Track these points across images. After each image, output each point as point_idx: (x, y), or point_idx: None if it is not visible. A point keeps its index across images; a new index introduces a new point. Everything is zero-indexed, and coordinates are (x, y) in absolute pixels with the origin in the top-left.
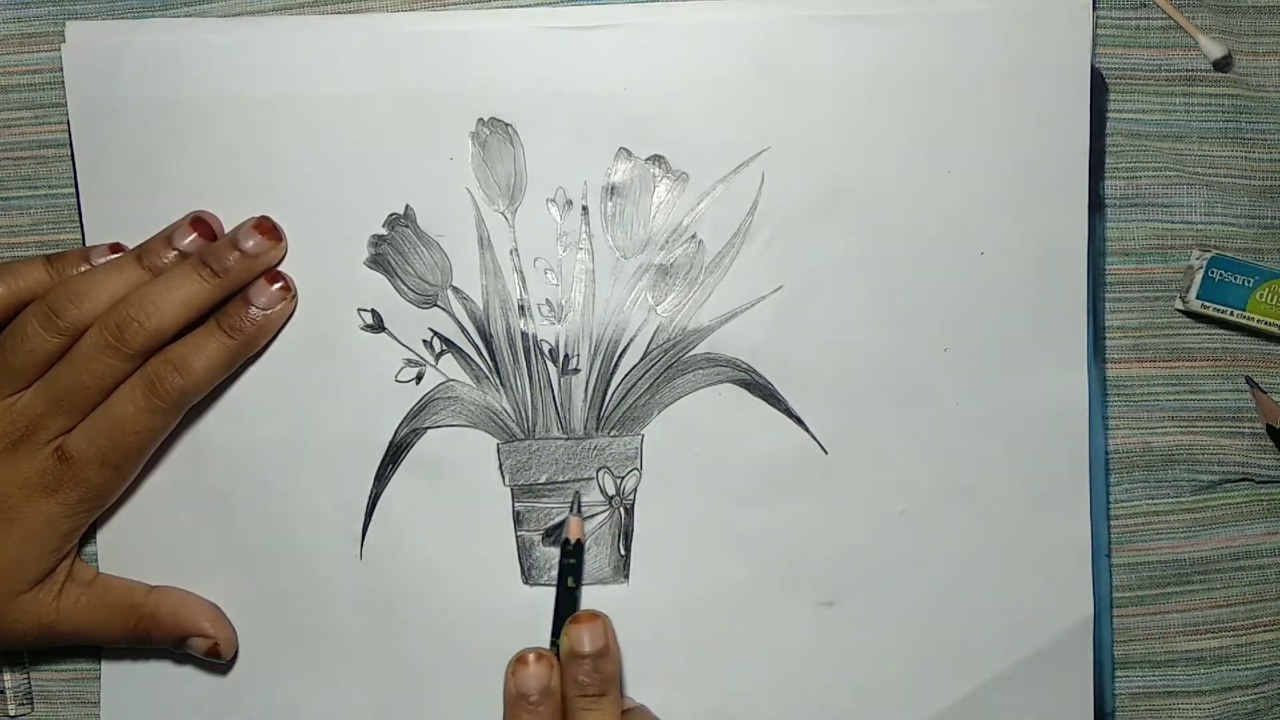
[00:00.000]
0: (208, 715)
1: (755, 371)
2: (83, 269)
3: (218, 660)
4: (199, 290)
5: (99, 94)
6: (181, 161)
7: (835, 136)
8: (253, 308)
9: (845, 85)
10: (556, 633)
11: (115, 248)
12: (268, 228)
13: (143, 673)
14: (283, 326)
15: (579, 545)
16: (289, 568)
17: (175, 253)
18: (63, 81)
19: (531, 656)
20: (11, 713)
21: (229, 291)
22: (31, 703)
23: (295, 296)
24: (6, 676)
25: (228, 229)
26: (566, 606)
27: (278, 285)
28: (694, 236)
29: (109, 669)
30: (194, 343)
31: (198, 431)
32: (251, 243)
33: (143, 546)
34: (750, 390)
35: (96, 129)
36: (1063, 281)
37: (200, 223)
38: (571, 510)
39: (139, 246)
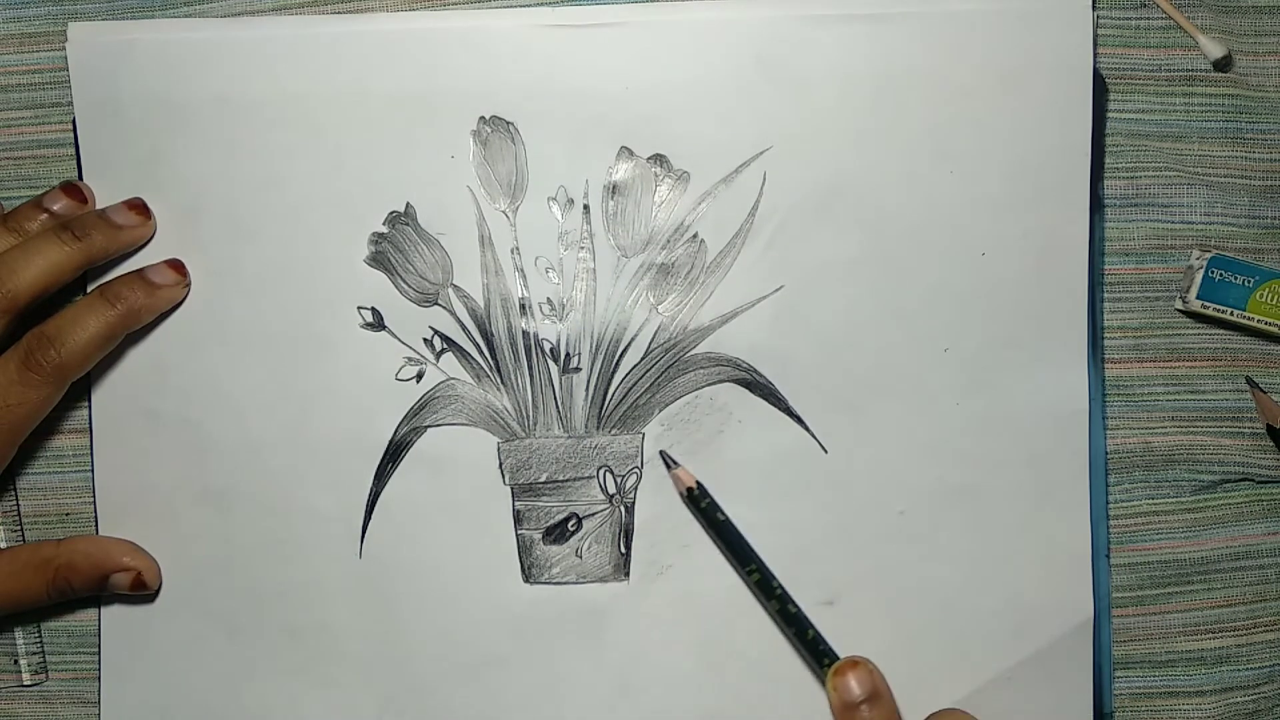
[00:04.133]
0: (207, 715)
1: (756, 371)
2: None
3: (146, 592)
4: (59, 254)
5: (102, 94)
6: (182, 160)
7: (837, 136)
8: (141, 281)
9: (847, 85)
10: (744, 561)
11: (67, 188)
12: (136, 205)
13: (143, 673)
14: (172, 310)
15: (699, 486)
16: (289, 566)
17: (45, 216)
18: (62, 81)
19: (847, 666)
20: (26, 682)
21: (91, 259)
22: (46, 672)
23: (189, 286)
24: (21, 645)
25: (226, 229)
26: (734, 539)
27: (172, 266)
28: (695, 236)
29: (109, 668)
30: (71, 315)
31: (198, 430)
32: (118, 215)
33: (143, 545)
34: (751, 390)
35: (100, 128)
36: (1063, 282)
37: (72, 188)
38: (668, 466)
39: (9, 211)
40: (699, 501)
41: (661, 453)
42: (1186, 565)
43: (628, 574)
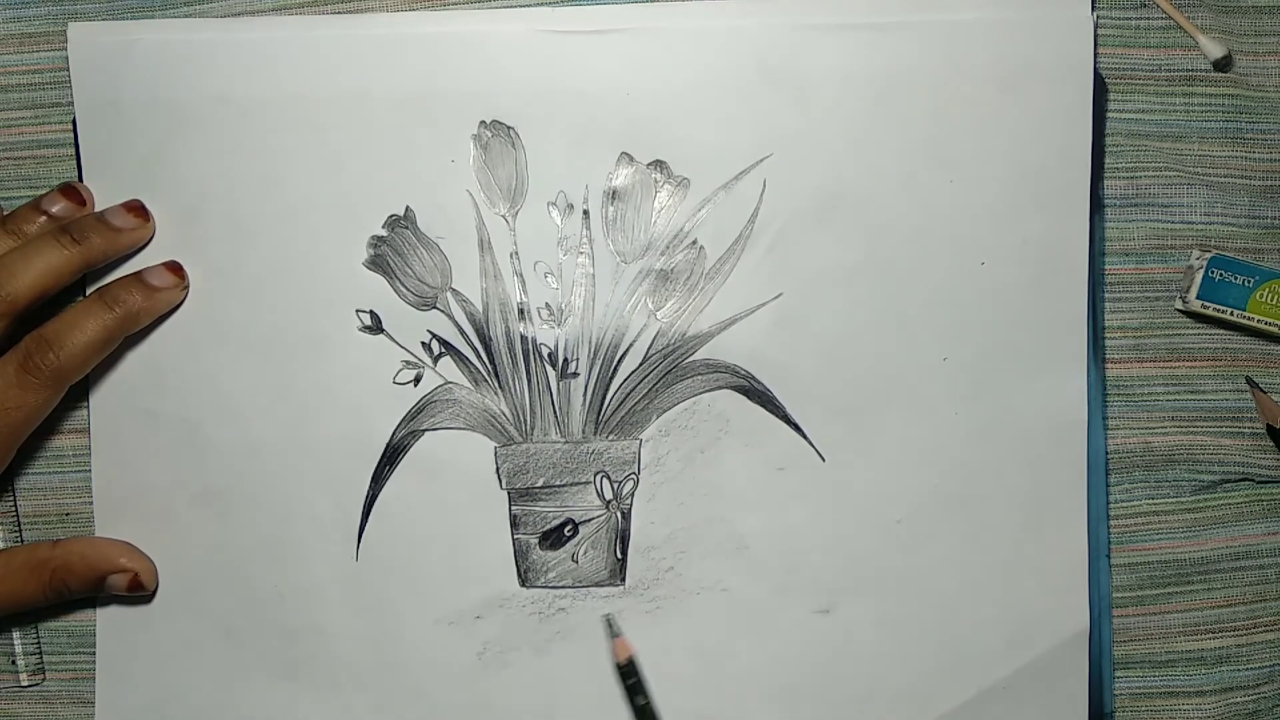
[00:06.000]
0: (203, 716)
1: (754, 378)
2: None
3: (143, 593)
4: (58, 257)
5: (102, 94)
6: (183, 161)
7: (837, 143)
8: (139, 284)
9: (847, 92)
10: None
11: (66, 190)
12: (135, 207)
13: (139, 674)
14: (171, 311)
15: (630, 663)
16: (286, 568)
17: (44, 218)
18: (62, 81)
19: None
20: (24, 683)
21: (90, 262)
22: (44, 673)
23: (187, 289)
24: (18, 646)
25: (226, 230)
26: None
27: (170, 269)
28: (695, 242)
29: (105, 669)
30: (69, 318)
31: (196, 431)
32: (117, 218)
33: (140, 546)
34: (749, 397)
35: (100, 128)
36: (1062, 291)
37: (70, 190)
38: (610, 634)
39: (8, 213)
40: (627, 678)
41: (607, 617)
42: (1186, 565)
43: (624, 579)
